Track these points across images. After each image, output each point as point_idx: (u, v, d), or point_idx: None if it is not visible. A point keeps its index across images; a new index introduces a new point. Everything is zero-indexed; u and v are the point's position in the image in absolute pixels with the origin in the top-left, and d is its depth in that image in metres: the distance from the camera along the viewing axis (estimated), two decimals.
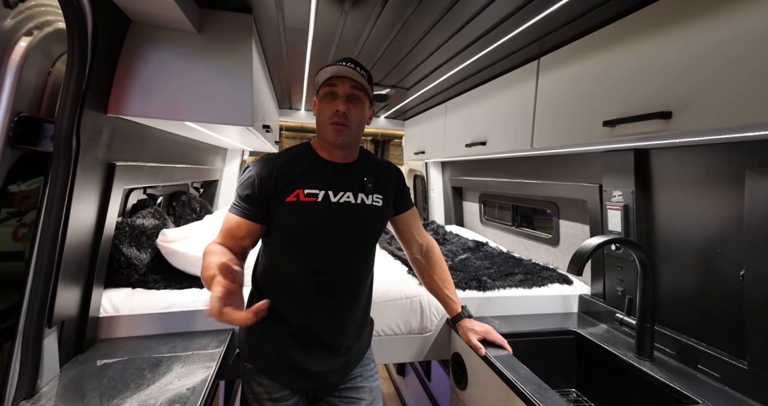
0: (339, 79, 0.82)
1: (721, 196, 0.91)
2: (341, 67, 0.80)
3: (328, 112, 0.82)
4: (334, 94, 0.82)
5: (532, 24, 0.99)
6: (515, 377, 0.87)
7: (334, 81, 0.82)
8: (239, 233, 0.83)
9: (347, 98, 0.82)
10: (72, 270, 0.85)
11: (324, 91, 0.83)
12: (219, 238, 0.84)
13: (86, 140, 0.82)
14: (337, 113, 0.81)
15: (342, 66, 0.80)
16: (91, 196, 0.89)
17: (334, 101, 0.82)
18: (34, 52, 0.75)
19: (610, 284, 1.21)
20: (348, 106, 0.82)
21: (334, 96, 0.82)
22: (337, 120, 0.81)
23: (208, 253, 0.79)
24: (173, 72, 0.95)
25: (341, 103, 0.81)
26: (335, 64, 0.82)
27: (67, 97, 0.77)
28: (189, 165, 1.64)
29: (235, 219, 0.83)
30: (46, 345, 0.78)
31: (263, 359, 0.87)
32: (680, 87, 0.72)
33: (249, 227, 0.82)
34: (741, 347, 0.85)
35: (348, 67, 0.80)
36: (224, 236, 0.84)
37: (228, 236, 0.83)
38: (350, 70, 0.80)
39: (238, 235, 0.83)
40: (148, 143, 1.17)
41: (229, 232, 0.83)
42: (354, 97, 0.83)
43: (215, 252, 0.78)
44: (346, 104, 0.81)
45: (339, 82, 0.82)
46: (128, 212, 1.35)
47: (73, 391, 0.77)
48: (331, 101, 0.82)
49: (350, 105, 0.82)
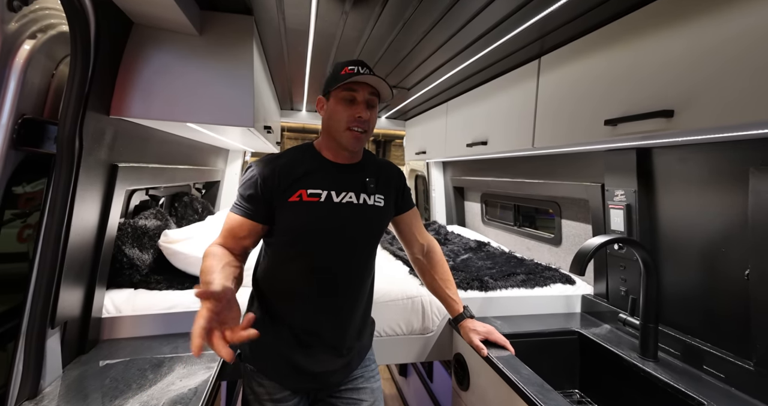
0: (359, 84, 0.82)
1: (725, 195, 0.90)
2: (362, 75, 0.80)
3: (346, 117, 0.82)
4: (354, 100, 0.82)
5: (533, 23, 0.98)
6: (518, 377, 0.87)
7: (353, 86, 0.82)
8: (241, 233, 0.83)
9: (366, 104, 0.83)
10: (75, 271, 0.86)
11: (343, 95, 0.83)
12: (220, 238, 0.84)
13: (89, 142, 0.82)
14: (359, 119, 0.82)
15: (363, 74, 0.81)
16: (93, 198, 0.89)
17: (354, 107, 0.82)
18: (37, 55, 0.75)
19: (613, 283, 1.21)
20: (367, 112, 0.83)
21: (353, 101, 0.82)
22: (357, 126, 0.82)
23: (208, 255, 0.78)
24: (175, 73, 0.96)
25: (363, 109, 0.82)
26: (350, 67, 0.82)
27: (70, 99, 0.78)
28: (191, 166, 1.65)
29: (237, 219, 0.83)
30: (48, 346, 0.78)
31: (264, 359, 0.87)
32: (682, 85, 0.71)
33: (251, 227, 0.82)
34: (746, 347, 0.84)
35: (366, 74, 0.81)
36: (226, 237, 0.84)
37: (229, 236, 0.83)
38: (371, 77, 0.81)
39: (239, 235, 0.83)
40: (150, 144, 1.17)
41: (231, 232, 0.83)
42: (371, 103, 0.84)
43: (214, 255, 0.78)
44: (366, 111, 0.82)
45: (359, 88, 0.82)
46: (131, 213, 1.36)
47: (75, 391, 0.78)
48: (350, 106, 0.82)
49: (369, 111, 0.83)
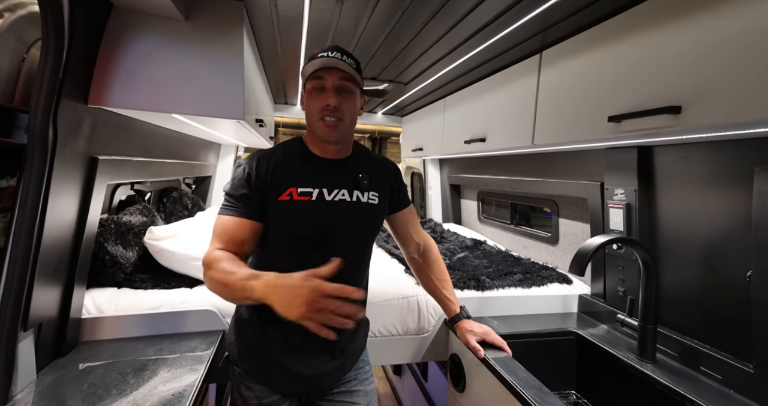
0: (326, 70, 0.76)
1: (728, 195, 0.88)
2: (327, 59, 0.75)
3: (317, 107, 0.77)
4: (323, 88, 0.77)
5: (534, 16, 0.95)
6: (515, 380, 0.84)
7: (321, 73, 0.76)
8: (241, 236, 0.76)
9: (337, 91, 0.77)
10: (50, 270, 0.81)
11: (311, 85, 0.78)
12: (218, 245, 0.76)
13: (64, 132, 0.77)
14: (327, 108, 0.76)
15: (328, 57, 0.75)
16: (71, 192, 0.84)
17: (322, 95, 0.77)
18: (5, 36, 0.70)
19: (611, 283, 1.19)
20: (338, 99, 0.77)
21: (323, 89, 0.77)
22: (328, 114, 0.76)
23: (217, 260, 0.71)
24: (159, 61, 0.90)
25: (331, 96, 0.76)
26: (320, 54, 0.76)
27: (42, 85, 0.72)
28: (180, 160, 1.58)
29: (234, 220, 0.76)
30: (21, 349, 0.74)
31: (252, 361, 0.83)
32: (690, 80, 0.69)
33: (250, 227, 0.77)
34: (746, 349, 0.83)
35: (334, 58, 0.75)
36: (224, 242, 0.76)
37: (228, 240, 0.76)
38: (337, 61, 0.75)
39: (239, 238, 0.76)
40: (134, 137, 1.11)
41: (229, 236, 0.76)
42: (344, 89, 0.78)
43: (224, 258, 0.71)
44: (336, 98, 0.76)
45: (326, 74, 0.76)
46: (114, 208, 1.30)
47: (49, 398, 0.73)
48: (319, 95, 0.77)
49: (341, 98, 0.77)
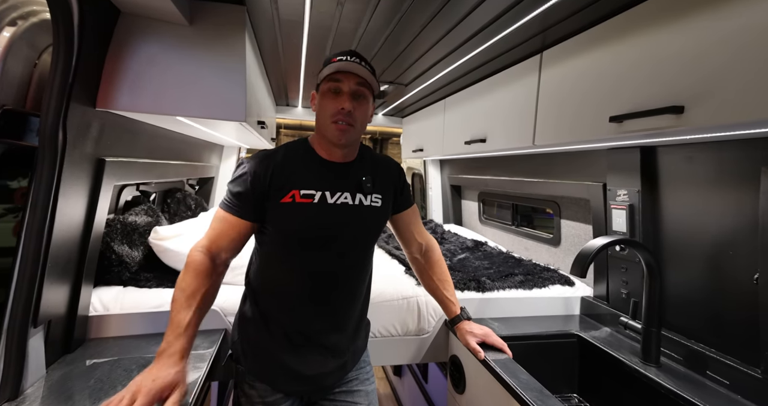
0: (344, 74, 0.77)
1: (734, 195, 0.87)
2: (347, 63, 0.75)
3: (331, 110, 0.77)
4: (339, 91, 0.77)
5: (535, 16, 0.95)
6: (516, 382, 0.84)
7: (338, 76, 0.77)
8: (231, 233, 0.78)
9: (352, 95, 0.77)
10: (59, 268, 0.83)
11: (327, 87, 0.78)
12: (207, 240, 0.79)
13: (73, 135, 0.79)
14: (342, 111, 0.76)
15: (347, 61, 0.75)
16: (79, 193, 0.87)
17: (338, 98, 0.77)
18: (18, 43, 0.72)
19: (614, 285, 1.18)
20: (353, 104, 0.77)
21: (339, 92, 0.77)
22: (341, 118, 0.77)
23: (189, 271, 0.74)
24: (164, 65, 0.93)
25: (346, 100, 0.77)
26: (338, 57, 0.77)
27: (53, 89, 0.74)
28: (183, 161, 1.61)
29: (228, 217, 0.78)
30: (31, 345, 0.76)
31: (255, 361, 0.84)
32: (693, 80, 0.68)
33: (242, 226, 0.79)
34: (753, 354, 0.81)
35: (353, 63, 0.75)
36: (215, 239, 0.78)
37: (220, 237, 0.78)
38: (356, 66, 0.75)
39: (230, 236, 0.78)
40: (139, 139, 1.14)
41: (222, 233, 0.78)
42: (359, 94, 0.78)
43: (188, 283, 0.73)
44: (351, 102, 0.77)
45: (344, 78, 0.77)
46: (120, 208, 1.33)
47: (58, 393, 0.75)
48: (335, 98, 0.78)
49: (356, 103, 0.78)
